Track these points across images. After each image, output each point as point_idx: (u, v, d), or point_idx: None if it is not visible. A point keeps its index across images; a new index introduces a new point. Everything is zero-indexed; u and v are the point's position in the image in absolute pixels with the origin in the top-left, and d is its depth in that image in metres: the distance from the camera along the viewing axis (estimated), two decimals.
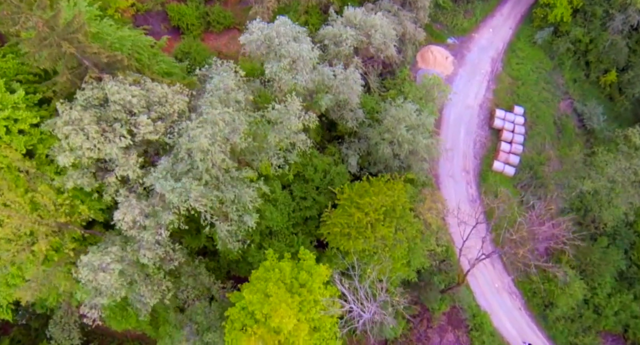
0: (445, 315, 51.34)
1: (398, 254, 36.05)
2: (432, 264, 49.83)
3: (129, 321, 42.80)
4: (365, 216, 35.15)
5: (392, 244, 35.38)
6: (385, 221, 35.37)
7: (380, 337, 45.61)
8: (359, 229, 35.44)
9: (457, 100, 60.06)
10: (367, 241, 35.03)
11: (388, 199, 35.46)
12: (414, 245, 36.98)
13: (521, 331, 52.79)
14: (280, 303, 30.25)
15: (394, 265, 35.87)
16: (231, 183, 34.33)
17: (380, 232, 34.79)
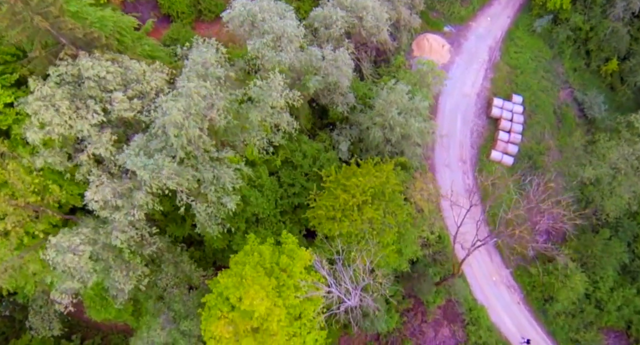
0: (440, 309, 48.97)
1: (387, 240, 33.79)
2: (427, 254, 47.62)
3: (109, 311, 40.80)
4: (352, 198, 32.97)
5: (380, 227, 33.14)
6: (374, 203, 33.18)
7: (372, 330, 43.37)
8: (345, 212, 33.24)
9: (454, 88, 58.07)
10: (353, 224, 32.83)
11: (376, 180, 33.29)
12: (405, 230, 34.72)
13: (520, 326, 50.30)
14: (253, 285, 28.14)
15: (383, 251, 33.60)
16: (210, 163, 32.31)
17: (368, 214, 32.56)
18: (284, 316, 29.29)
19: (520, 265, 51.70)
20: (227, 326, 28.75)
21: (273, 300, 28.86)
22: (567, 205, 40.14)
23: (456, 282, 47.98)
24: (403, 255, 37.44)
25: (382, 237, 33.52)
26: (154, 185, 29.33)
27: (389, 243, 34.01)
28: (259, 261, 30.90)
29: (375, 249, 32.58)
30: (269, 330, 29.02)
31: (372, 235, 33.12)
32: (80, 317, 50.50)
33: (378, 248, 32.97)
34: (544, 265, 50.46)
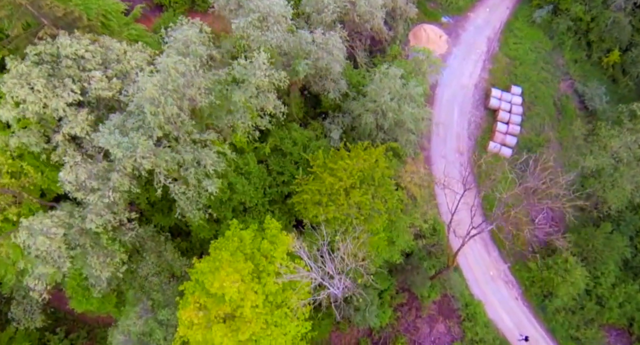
0: (435, 304, 47.07)
1: (376, 226, 31.97)
2: (421, 247, 45.83)
3: (90, 302, 39.19)
4: (339, 182, 31.26)
5: (368, 213, 31.34)
6: (362, 188, 31.45)
7: (363, 324, 41.55)
8: (332, 196, 31.52)
9: (451, 80, 56.47)
10: (340, 209, 31.08)
11: (365, 163, 31.53)
12: (396, 218, 32.91)
13: (518, 323, 48.32)
14: (226, 268, 26.47)
15: (372, 239, 31.79)
16: (192, 146, 30.74)
17: (355, 198, 30.78)
18: (261, 302, 27.55)
19: (519, 260, 49.80)
20: (197, 311, 27.04)
21: (249, 285, 27.15)
22: (567, 186, 37.73)
23: (452, 277, 46.12)
24: (395, 245, 35.64)
25: (371, 224, 31.73)
26: (128, 164, 27.78)
27: (379, 230, 32.16)
28: (239, 246, 29.25)
29: (363, 235, 30.84)
30: (243, 317, 27.26)
31: (360, 221, 31.34)
32: (66, 310, 49.03)
33: (367, 235, 31.21)
34: (543, 259, 48.54)
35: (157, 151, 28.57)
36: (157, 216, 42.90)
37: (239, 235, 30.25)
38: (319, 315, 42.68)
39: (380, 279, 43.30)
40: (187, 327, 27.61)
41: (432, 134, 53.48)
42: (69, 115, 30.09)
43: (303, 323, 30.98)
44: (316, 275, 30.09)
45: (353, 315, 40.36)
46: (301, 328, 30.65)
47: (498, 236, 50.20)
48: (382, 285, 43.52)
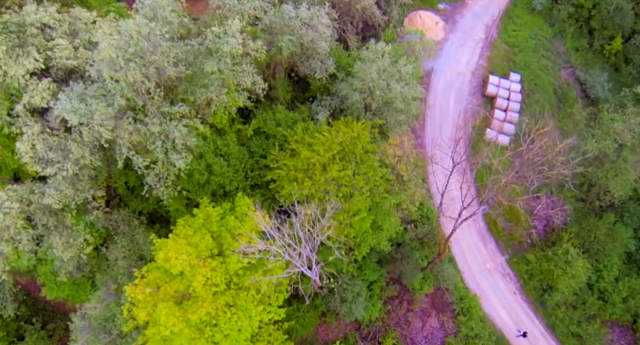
0: (428, 298, 44.18)
1: (358, 206, 29.24)
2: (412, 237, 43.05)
3: (62, 289, 36.89)
4: (316, 156, 28.64)
5: (349, 191, 28.64)
6: (341, 163, 28.77)
7: (350, 317, 38.76)
8: (308, 172, 28.90)
9: (447, 66, 53.92)
10: (316, 185, 28.43)
11: (344, 136, 28.90)
12: (381, 199, 30.20)
13: (516, 318, 45.33)
14: (178, 241, 23.96)
15: (354, 220, 29.09)
16: (160, 118, 28.32)
17: (332, 173, 28.09)
18: (221, 281, 24.90)
19: (517, 252, 46.91)
20: (144, 288, 24.49)
21: (206, 262, 24.50)
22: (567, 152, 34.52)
23: (446, 269, 43.25)
24: (383, 231, 32.95)
25: (351, 203, 29.05)
26: (85, 132, 25.42)
27: (361, 209, 29.44)
28: (204, 223, 26.74)
29: (344, 215, 28.20)
30: (197, 297, 24.63)
31: (339, 199, 28.60)
32: (45, 300, 46.73)
33: (347, 215, 28.58)
34: (543, 251, 45.63)
35: (119, 122, 26.16)
36: (134, 201, 40.62)
37: (205, 211, 27.75)
38: (302, 307, 40.10)
39: (369, 270, 40.63)
40: (134, 305, 24.94)
41: (427, 121, 50.91)
42: (30, 85, 27.83)
43: (276, 310, 28.27)
44: (279, 250, 26.91)
45: (339, 307, 37.63)
46: (273, 315, 27.94)
47: (495, 227, 47.50)
48: (371, 276, 40.80)
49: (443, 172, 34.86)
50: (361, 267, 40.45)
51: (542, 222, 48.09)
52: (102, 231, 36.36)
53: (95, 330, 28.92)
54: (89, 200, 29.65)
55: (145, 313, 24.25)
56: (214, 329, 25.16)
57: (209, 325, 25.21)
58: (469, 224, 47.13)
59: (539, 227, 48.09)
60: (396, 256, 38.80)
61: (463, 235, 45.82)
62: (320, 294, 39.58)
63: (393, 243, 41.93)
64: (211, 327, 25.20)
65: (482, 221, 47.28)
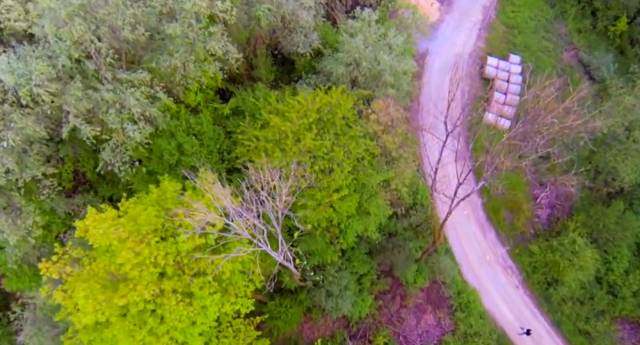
0: (423, 292, 39.95)
1: (339, 183, 25.00)
2: (406, 227, 38.89)
3: (22, 280, 32.90)
4: (288, 123, 24.47)
5: (327, 165, 24.41)
6: (318, 131, 24.53)
7: (337, 313, 34.56)
8: (280, 144, 24.67)
9: (443, 48, 49.87)
10: (288, 156, 24.23)
11: (321, 101, 24.77)
12: (365, 176, 25.99)
13: (518, 314, 41.03)
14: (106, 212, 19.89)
15: (334, 200, 24.89)
16: (115, 85, 24.32)
17: (306, 142, 23.90)
18: (163, 261, 20.60)
19: (519, 243, 42.62)
20: (62, 266, 20.40)
21: (145, 237, 20.32)
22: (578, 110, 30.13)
23: (442, 261, 39.02)
24: (370, 216, 28.80)
25: (330, 179, 24.82)
26: (23, 94, 21.44)
27: (342, 187, 25.22)
28: (158, 199, 22.69)
29: (322, 194, 24.09)
30: (130, 279, 20.40)
31: (315, 173, 24.28)
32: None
33: (326, 194, 24.44)
34: (547, 241, 41.36)
35: (67, 87, 22.17)
36: (104, 187, 36.64)
37: (162, 188, 23.67)
38: (285, 302, 35.93)
39: (357, 262, 36.42)
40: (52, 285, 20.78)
41: (422, 104, 46.86)
42: None
43: (243, 301, 24.04)
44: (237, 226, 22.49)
45: (324, 302, 33.44)
46: (239, 306, 23.71)
47: (495, 216, 43.27)
48: (361, 268, 36.60)
49: (437, 146, 30.70)
50: (349, 258, 36.28)
51: (545, 211, 43.89)
52: (64, 217, 32.50)
53: (40, 321, 24.84)
54: (39, 179, 25.62)
55: (61, 296, 20.12)
56: (159, 320, 20.94)
57: (153, 315, 21.00)
58: (467, 213, 43.02)
59: (542, 216, 43.86)
60: (387, 246, 34.61)
61: (461, 225, 41.64)
62: (305, 287, 35.45)
63: (384, 232, 37.85)
64: (155, 318, 21.00)
65: (481, 210, 43.07)
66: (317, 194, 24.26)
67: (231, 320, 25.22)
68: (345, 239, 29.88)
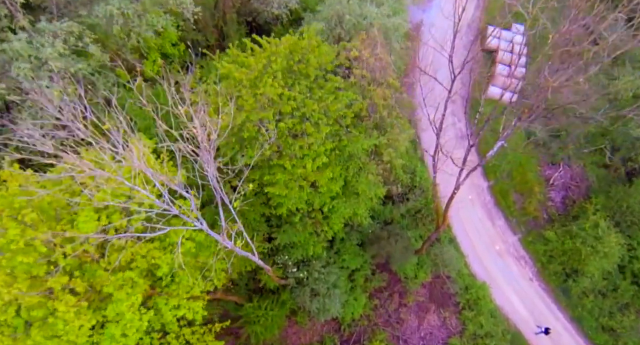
0: (425, 288, 33.90)
1: (314, 148, 18.70)
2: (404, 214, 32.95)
3: None
4: (246, 72, 18.37)
5: (298, 126, 18.07)
6: (284, 79, 18.37)
7: (324, 316, 28.49)
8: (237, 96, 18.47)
9: (438, 19, 43.82)
10: (245, 106, 17.97)
11: (292, 47, 18.72)
12: (350, 143, 19.77)
13: (534, 310, 35.00)
14: None
15: (309, 171, 18.66)
16: (33, 36, 18.37)
17: (265, 88, 17.65)
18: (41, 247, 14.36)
19: (532, 230, 36.58)
20: None
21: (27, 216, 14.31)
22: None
23: (446, 251, 32.98)
24: (359, 196, 22.78)
25: (301, 143, 18.56)
26: None
27: (319, 153, 18.98)
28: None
29: (294, 162, 18.04)
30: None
31: (281, 131, 17.96)
32: None
33: (298, 161, 18.37)
34: (565, 226, 35.41)
35: None
36: None
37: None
38: (265, 304, 29.88)
39: (348, 255, 30.38)
40: None
41: (417, 80, 40.98)
42: None
43: (189, 304, 17.89)
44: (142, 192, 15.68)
45: (309, 303, 27.36)
46: (183, 312, 17.58)
47: (504, 200, 37.20)
48: (352, 263, 30.57)
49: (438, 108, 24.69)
50: (338, 251, 30.24)
51: (559, 193, 37.91)
52: None
53: None
54: None
55: None
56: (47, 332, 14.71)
57: (42, 326, 14.78)
58: (472, 198, 36.98)
59: (556, 199, 37.87)
60: (382, 235, 28.56)
61: (465, 211, 35.61)
62: (288, 286, 29.37)
63: (378, 221, 31.85)
64: (43, 330, 14.76)
65: (487, 194, 37.09)
66: (287, 163, 18.26)
67: (177, 330, 19.21)
68: (331, 226, 23.84)
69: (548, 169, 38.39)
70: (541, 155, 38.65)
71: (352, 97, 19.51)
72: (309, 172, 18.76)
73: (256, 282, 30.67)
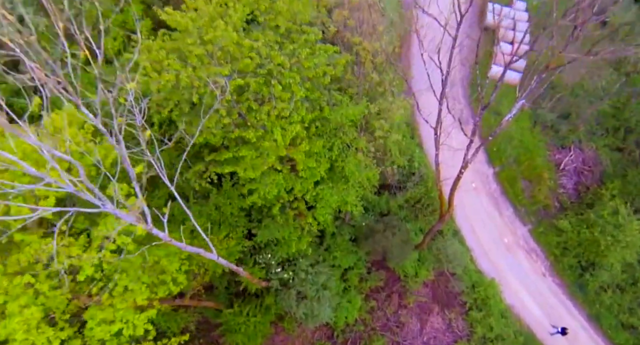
0: (427, 288, 29.81)
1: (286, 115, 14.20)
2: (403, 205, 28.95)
3: None
4: (192, 15, 14.14)
5: (262, 87, 13.65)
6: (248, 34, 14.27)
7: (314, 322, 24.40)
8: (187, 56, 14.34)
9: None
10: (186, 68, 13.81)
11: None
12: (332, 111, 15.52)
13: (548, 309, 30.94)
14: None
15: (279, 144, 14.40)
16: None
17: (216, 34, 13.21)
18: None
19: (543, 219, 32.57)
20: None
21: None
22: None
23: (449, 245, 28.91)
24: (349, 181, 18.71)
25: (269, 107, 14.13)
26: None
27: (293, 119, 14.58)
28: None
29: (257, 134, 13.89)
30: None
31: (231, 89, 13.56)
32: None
33: (265, 134, 14.16)
34: (581, 215, 31.43)
35: None
36: None
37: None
38: (247, 309, 25.80)
39: (340, 251, 26.32)
40: None
41: (412, 61, 37.01)
42: None
43: (127, 315, 13.73)
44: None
45: (295, 307, 23.23)
46: (118, 327, 13.41)
47: (511, 188, 33.18)
48: (345, 261, 26.49)
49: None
50: (328, 248, 26.17)
51: (571, 179, 33.93)
52: None
53: None
54: None
55: None
56: None
57: None
58: (476, 186, 32.96)
59: (568, 186, 33.87)
60: (377, 228, 24.49)
61: (470, 200, 31.60)
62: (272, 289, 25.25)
63: (373, 212, 27.81)
64: None
65: (493, 181, 33.06)
66: (251, 135, 14.14)
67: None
68: (316, 217, 19.77)
69: (557, 153, 34.44)
70: (549, 138, 34.72)
71: (332, 50, 15.43)
72: (280, 147, 14.68)
73: (238, 284, 26.60)
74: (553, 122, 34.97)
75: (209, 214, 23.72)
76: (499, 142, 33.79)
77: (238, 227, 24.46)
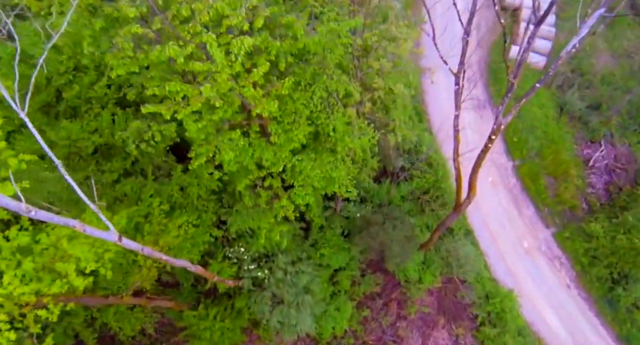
0: (432, 296, 24.48)
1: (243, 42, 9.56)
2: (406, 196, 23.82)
3: None
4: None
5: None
6: None
7: (290, 334, 19.24)
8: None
9: None
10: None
11: None
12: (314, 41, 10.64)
13: (572, 327, 25.56)
14: None
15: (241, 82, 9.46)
16: None
17: None
18: None
19: (569, 222, 27.16)
20: None
21: None
22: None
23: (460, 246, 23.60)
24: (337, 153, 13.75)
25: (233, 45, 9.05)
26: None
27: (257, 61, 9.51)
28: None
29: (205, 67, 9.11)
30: None
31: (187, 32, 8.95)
32: None
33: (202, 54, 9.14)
34: (616, 218, 26.05)
35: None
36: None
37: None
38: (214, 312, 20.75)
39: (329, 248, 21.20)
40: None
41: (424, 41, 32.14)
42: None
43: None
44: None
45: (268, 314, 18.09)
46: None
47: (533, 185, 27.88)
48: (334, 260, 21.28)
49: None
50: (315, 243, 21.07)
51: (601, 178, 28.52)
52: None
53: None
54: None
55: None
56: None
57: None
58: (493, 180, 27.72)
59: (597, 185, 28.47)
60: (375, 219, 19.32)
61: (485, 197, 26.35)
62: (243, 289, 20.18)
63: (372, 204, 22.70)
64: None
65: (512, 176, 27.77)
66: (174, 51, 9.01)
67: None
68: (293, 199, 14.73)
69: (586, 148, 29.14)
70: (577, 130, 29.49)
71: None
72: (224, 73, 9.50)
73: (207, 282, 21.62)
74: (582, 113, 29.75)
75: (170, 195, 18.87)
76: (520, 131, 28.64)
77: (206, 213, 19.61)
